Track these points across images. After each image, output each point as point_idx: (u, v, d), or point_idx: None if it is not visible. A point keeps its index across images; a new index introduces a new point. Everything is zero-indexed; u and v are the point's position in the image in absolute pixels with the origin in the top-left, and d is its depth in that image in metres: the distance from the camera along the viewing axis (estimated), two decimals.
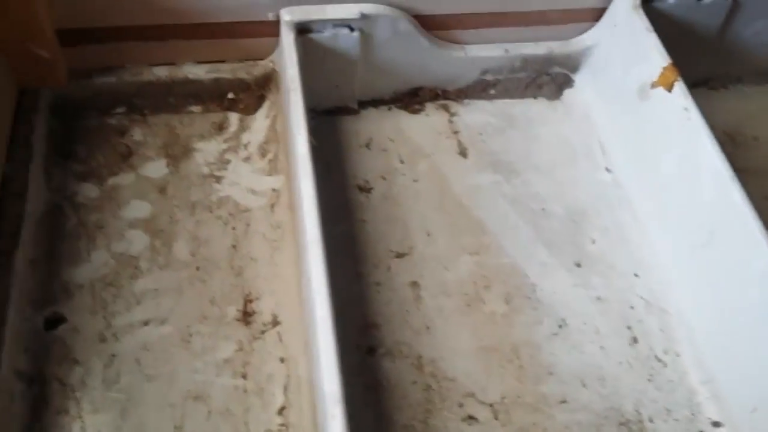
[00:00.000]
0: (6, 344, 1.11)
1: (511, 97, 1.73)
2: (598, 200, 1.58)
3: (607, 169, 1.63)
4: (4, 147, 1.31)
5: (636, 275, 1.47)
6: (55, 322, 1.23)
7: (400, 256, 1.42)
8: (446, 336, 1.33)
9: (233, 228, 1.39)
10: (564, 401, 1.28)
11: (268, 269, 1.34)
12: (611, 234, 1.53)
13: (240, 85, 1.54)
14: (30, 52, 1.33)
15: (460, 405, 1.25)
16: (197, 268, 1.33)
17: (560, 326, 1.37)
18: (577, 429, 1.25)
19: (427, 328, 1.34)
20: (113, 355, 1.20)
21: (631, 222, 1.55)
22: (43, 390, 1.15)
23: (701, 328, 1.36)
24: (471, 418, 1.24)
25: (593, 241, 1.51)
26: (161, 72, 1.50)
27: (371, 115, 1.65)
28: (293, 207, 1.36)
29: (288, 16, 1.42)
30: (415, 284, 1.39)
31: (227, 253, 1.36)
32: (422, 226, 1.47)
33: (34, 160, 1.33)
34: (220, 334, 1.26)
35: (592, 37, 1.67)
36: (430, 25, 1.56)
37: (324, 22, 1.43)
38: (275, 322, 1.28)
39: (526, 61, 1.67)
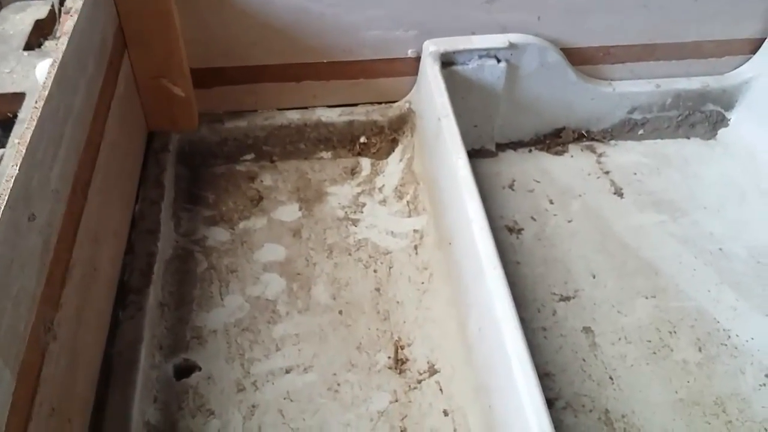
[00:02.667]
0: (137, 392, 0.97)
1: (662, 137, 1.58)
2: None
3: None
4: (135, 186, 1.22)
5: None
6: (187, 370, 1.08)
7: (565, 299, 1.24)
8: (634, 387, 1.12)
9: (375, 271, 1.24)
10: None
11: (418, 313, 1.18)
12: None
13: (373, 129, 1.45)
14: (163, 90, 1.28)
15: None
16: (340, 312, 1.17)
17: (767, 375, 1.14)
18: None
19: (610, 378, 1.13)
20: (253, 406, 1.04)
21: None
22: None
23: None
24: None
25: None
26: (293, 116, 1.42)
27: (510, 157, 1.51)
28: (444, 245, 1.21)
29: (433, 47, 1.34)
30: (587, 330, 1.19)
31: (371, 297, 1.20)
32: (586, 268, 1.29)
33: (165, 199, 1.23)
34: (371, 384, 1.08)
35: (752, 68, 1.52)
36: (577, 59, 1.45)
37: (470, 53, 1.34)
38: (432, 371, 1.10)
39: (679, 97, 1.53)
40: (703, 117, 1.57)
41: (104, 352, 1.00)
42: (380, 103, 1.46)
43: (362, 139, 1.45)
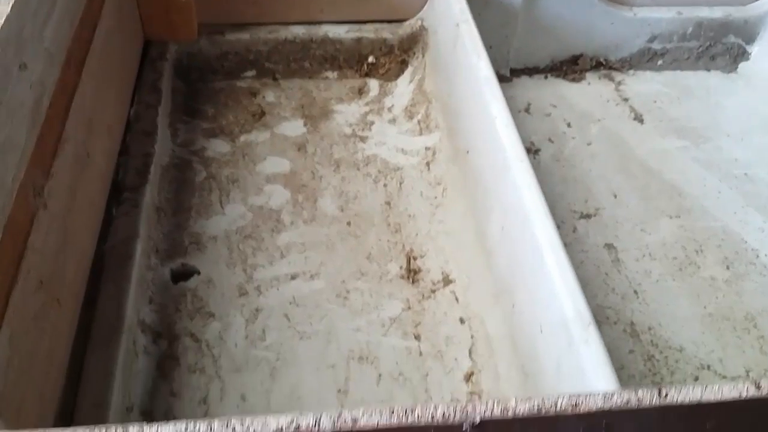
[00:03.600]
0: (131, 288, 0.89)
1: (681, 69, 1.52)
2: None
3: None
4: (130, 90, 1.15)
5: None
6: (185, 274, 1.01)
7: (585, 216, 1.17)
8: (660, 301, 1.05)
9: (385, 185, 1.17)
10: None
11: (431, 226, 1.11)
12: None
13: (382, 48, 1.38)
14: None
15: (696, 378, 0.96)
16: (348, 224, 1.10)
17: None
18: None
19: (635, 292, 1.06)
20: (257, 310, 0.97)
21: None
22: (172, 346, 0.92)
23: None
24: None
25: None
26: (298, 30, 1.35)
27: (526, 83, 1.45)
28: (460, 156, 1.14)
29: None
30: (610, 246, 1.13)
31: (381, 210, 1.13)
32: (607, 188, 1.23)
33: (162, 106, 1.16)
34: (382, 292, 1.01)
35: None
36: None
37: None
38: (447, 281, 1.03)
39: (700, 27, 1.47)
40: (724, 49, 1.51)
41: (97, 250, 0.93)
42: (390, 21, 1.38)
43: (370, 59, 1.38)
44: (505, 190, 0.95)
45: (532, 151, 1.28)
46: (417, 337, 0.96)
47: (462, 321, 0.98)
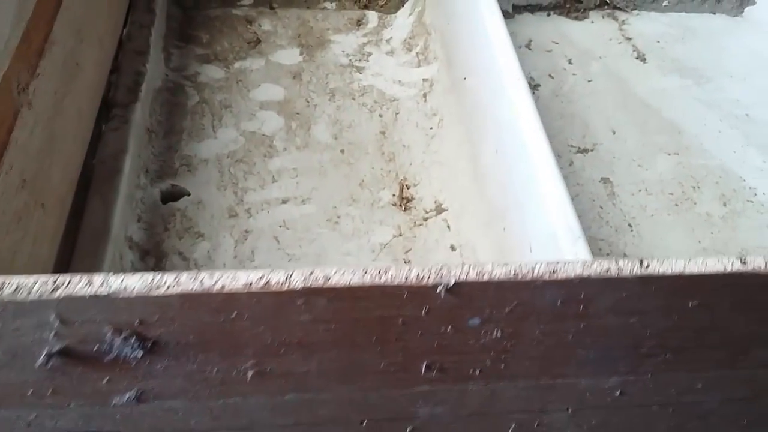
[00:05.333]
0: (119, 202, 0.88)
1: (686, 11, 1.49)
2: None
3: None
4: (123, 10, 1.12)
5: None
6: (174, 195, 1.00)
7: (582, 151, 1.15)
8: (654, 235, 1.04)
9: (380, 115, 1.16)
10: None
11: (425, 156, 1.09)
12: None
13: None
14: None
15: None
16: (341, 151, 1.09)
17: None
18: None
19: (629, 225, 1.05)
20: (247, 231, 0.96)
21: None
22: (160, 264, 0.91)
23: None
24: None
25: None
26: None
27: (527, 19, 1.42)
28: (458, 84, 1.12)
29: None
30: (606, 180, 1.11)
31: (375, 139, 1.12)
32: (605, 124, 1.21)
33: (155, 27, 1.13)
34: (374, 218, 1.00)
35: None
36: None
37: None
38: (440, 209, 1.02)
39: None
40: None
41: (86, 164, 0.91)
42: None
43: None
44: (500, 111, 0.93)
45: (531, 86, 1.25)
46: (407, 263, 0.95)
47: (453, 248, 0.97)
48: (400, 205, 1.02)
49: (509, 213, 0.88)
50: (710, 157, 1.17)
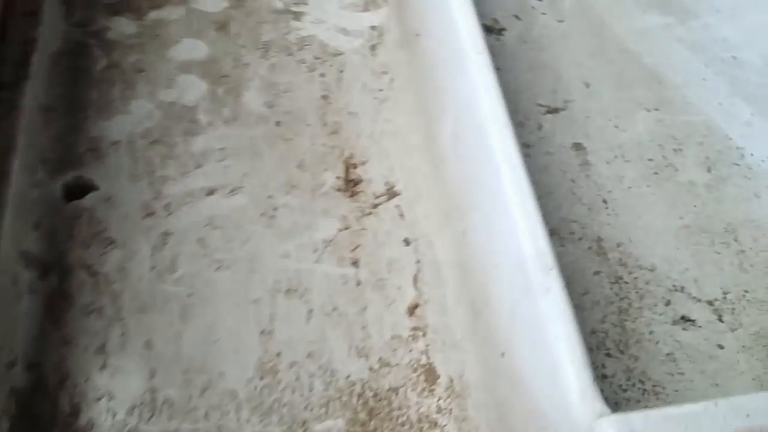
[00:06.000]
0: (7, 213, 0.74)
1: None
2: None
3: None
4: None
5: None
6: (80, 190, 0.85)
7: (552, 111, 1.02)
8: (632, 212, 0.93)
9: (322, 75, 1.00)
10: None
11: (375, 126, 0.95)
12: None
13: None
14: None
15: (667, 303, 0.86)
16: (277, 123, 0.94)
17: None
18: None
19: (604, 202, 0.94)
20: (166, 234, 0.82)
21: None
22: (63, 282, 0.78)
23: None
24: (685, 319, 0.85)
25: None
26: None
27: None
28: (410, 39, 0.96)
29: None
30: (578, 147, 0.99)
31: (316, 106, 0.97)
32: (578, 76, 1.07)
33: None
34: (316, 208, 0.87)
35: None
36: None
37: None
38: (392, 193, 0.89)
39: None
40: None
41: None
42: None
43: None
44: (459, 90, 0.79)
45: (495, 30, 1.10)
46: (355, 263, 0.83)
47: (407, 242, 0.85)
48: (346, 190, 0.89)
49: (470, 214, 0.76)
50: (694, 111, 1.05)
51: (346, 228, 0.86)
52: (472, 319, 0.73)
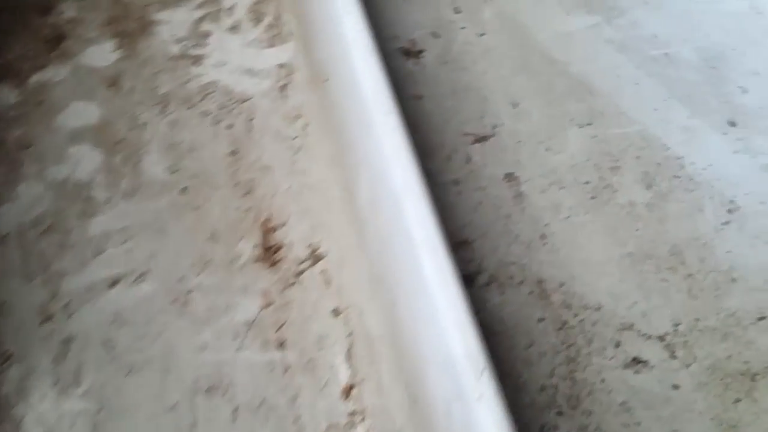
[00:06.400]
0: None
1: None
2: (737, 36, 1.11)
3: None
4: None
5: None
6: None
7: (481, 139, 0.96)
8: (572, 245, 0.88)
9: (228, 126, 0.92)
10: (762, 317, 0.84)
11: (292, 179, 0.88)
12: (765, 78, 1.07)
13: None
14: None
15: (617, 344, 0.81)
16: (183, 191, 0.86)
17: (730, 211, 0.92)
18: None
19: (542, 237, 0.88)
20: (68, 340, 0.75)
21: None
22: None
23: None
24: (636, 361, 0.80)
25: (744, 90, 1.05)
26: None
27: None
28: (319, 82, 0.89)
29: None
30: (511, 177, 0.93)
31: (225, 164, 0.89)
32: (505, 95, 1.00)
33: None
34: (233, 286, 0.80)
35: None
36: None
37: None
38: (315, 257, 0.82)
39: None
40: None
41: None
42: None
43: None
44: (370, 153, 0.72)
45: (413, 53, 1.03)
46: (281, 345, 0.76)
47: (336, 313, 0.79)
48: (266, 260, 0.82)
49: (396, 289, 0.69)
50: (628, 121, 0.99)
51: (269, 305, 0.79)
52: (410, 405, 0.68)
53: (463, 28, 1.06)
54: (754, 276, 0.87)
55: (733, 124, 1.01)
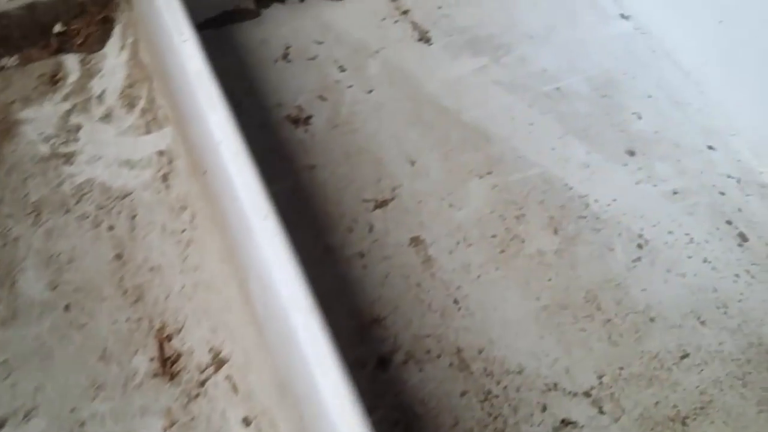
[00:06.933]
0: None
1: None
2: (626, 60, 1.12)
3: (623, 16, 1.17)
4: None
5: (711, 147, 1.03)
6: None
7: (381, 205, 0.92)
8: (487, 305, 0.85)
9: (110, 228, 0.85)
10: (685, 355, 0.84)
11: (184, 278, 0.82)
12: (659, 100, 1.07)
13: (70, 10, 0.98)
14: None
15: (543, 408, 0.79)
16: (66, 308, 0.79)
17: (639, 246, 0.92)
18: (719, 390, 0.81)
19: (455, 302, 0.85)
20: None
21: (679, 78, 1.10)
22: None
23: None
24: (566, 422, 0.78)
25: (639, 116, 1.05)
26: None
27: (278, 14, 1.11)
28: (199, 170, 0.84)
29: None
30: (416, 241, 0.90)
31: (110, 270, 0.82)
32: (401, 154, 0.97)
33: None
34: (131, 409, 0.73)
35: None
36: None
37: None
38: (219, 362, 0.77)
39: None
40: None
41: None
42: None
43: (58, 28, 0.99)
44: (254, 260, 0.67)
45: (301, 120, 0.99)
46: None
47: (247, 422, 0.73)
48: (165, 373, 0.76)
49: (301, 405, 0.65)
50: (527, 165, 0.98)
51: (173, 424, 0.73)
52: None
53: (350, 86, 1.03)
54: (671, 312, 0.87)
55: (631, 153, 1.01)
